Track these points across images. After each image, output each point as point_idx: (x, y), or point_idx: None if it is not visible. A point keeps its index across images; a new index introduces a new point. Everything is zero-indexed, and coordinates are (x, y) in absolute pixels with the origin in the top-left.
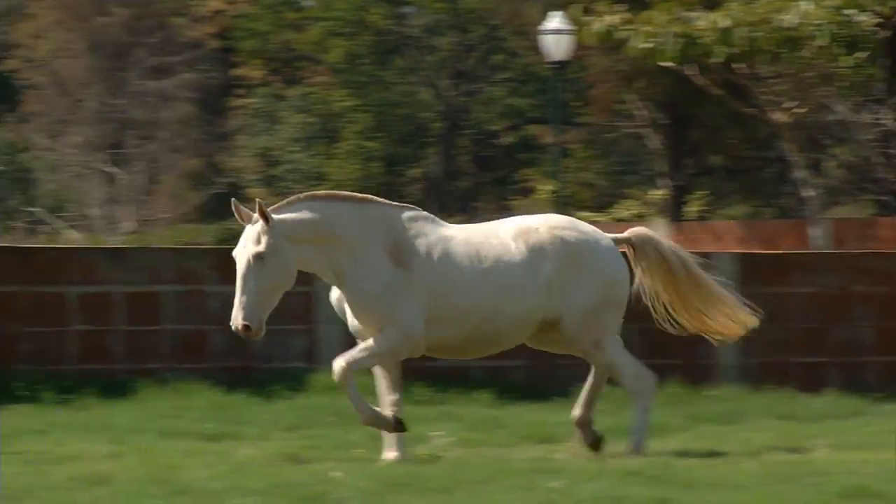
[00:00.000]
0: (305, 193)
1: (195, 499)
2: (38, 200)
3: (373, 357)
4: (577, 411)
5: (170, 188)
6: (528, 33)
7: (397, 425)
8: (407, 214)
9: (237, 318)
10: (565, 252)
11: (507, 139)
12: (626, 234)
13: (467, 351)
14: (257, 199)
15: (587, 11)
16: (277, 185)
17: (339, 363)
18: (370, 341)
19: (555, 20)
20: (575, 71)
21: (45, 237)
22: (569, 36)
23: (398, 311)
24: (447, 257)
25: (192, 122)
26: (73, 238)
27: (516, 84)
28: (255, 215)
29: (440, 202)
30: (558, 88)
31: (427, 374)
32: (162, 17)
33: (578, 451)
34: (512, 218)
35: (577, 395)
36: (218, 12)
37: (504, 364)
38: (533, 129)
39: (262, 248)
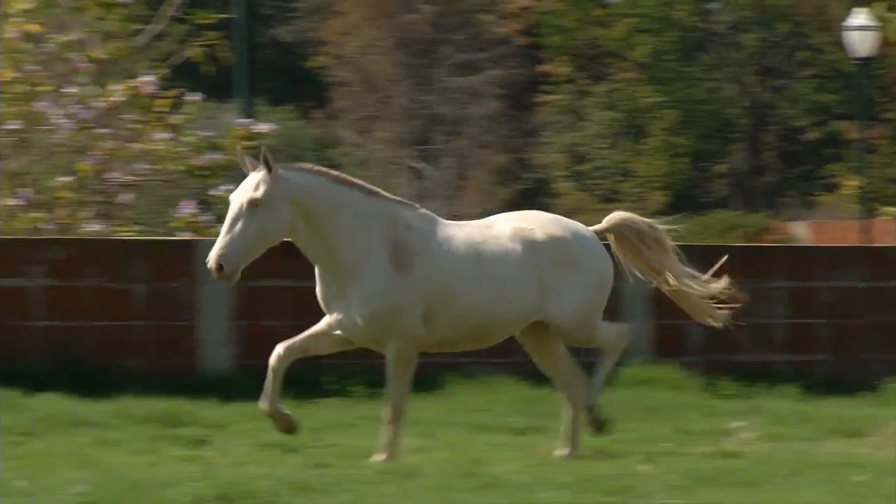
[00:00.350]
0: (318, 167)
1: (503, 492)
2: None
3: (404, 379)
4: (584, 399)
5: (478, 183)
6: (833, 29)
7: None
8: (409, 213)
9: (213, 257)
10: (560, 255)
11: (813, 135)
12: (603, 224)
13: (459, 346)
14: (262, 147)
15: (891, 9)
16: (584, 182)
17: (390, 407)
18: (390, 370)
19: (859, 17)
20: (880, 67)
21: None
22: (873, 32)
23: (397, 322)
24: (448, 259)
25: (499, 118)
26: None
27: (821, 80)
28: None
29: (746, 198)
30: (863, 84)
31: (733, 368)
32: (469, 13)
33: (883, 444)
34: (505, 216)
35: (883, 389)
36: (525, 9)
37: (810, 359)
38: (838, 125)
39: (258, 194)
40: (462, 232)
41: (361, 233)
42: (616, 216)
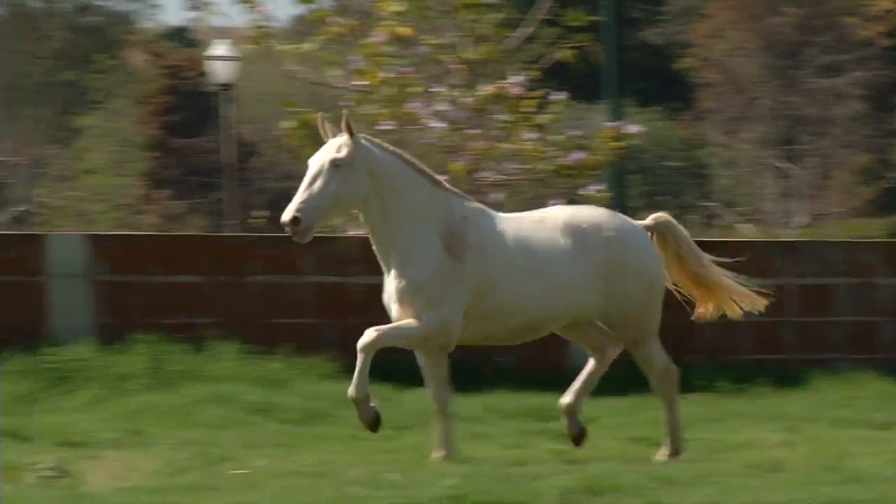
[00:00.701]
0: (393, 147)
1: (867, 486)
2: (714, 195)
3: (405, 338)
4: (566, 399)
5: (841, 183)
6: None
7: (373, 423)
8: (466, 204)
9: (290, 210)
10: (611, 252)
11: None
12: (648, 220)
13: (506, 340)
14: (344, 112)
15: None
16: None
17: (370, 333)
18: (407, 321)
19: None
20: None
21: (721, 231)
22: None
23: (440, 301)
24: (499, 252)
25: (863, 118)
26: (747, 232)
27: None
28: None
29: None
30: None
31: None
32: (834, 16)
33: None
34: (558, 209)
35: None
36: (888, 11)
37: None
38: None
39: (341, 155)
40: (514, 226)
41: (422, 219)
42: (661, 216)
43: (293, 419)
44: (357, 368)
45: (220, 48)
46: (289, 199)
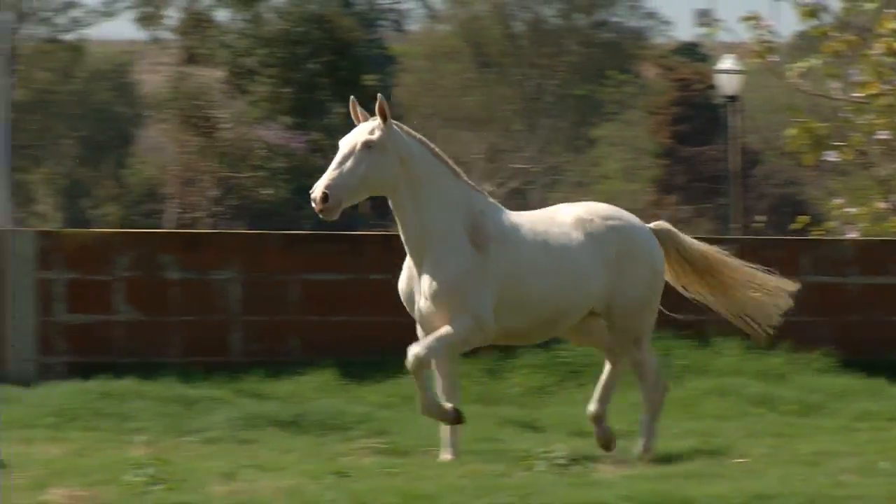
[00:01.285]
0: (420, 136)
1: None
2: None
3: (447, 346)
4: (591, 407)
5: None
6: None
7: (456, 416)
8: (482, 199)
9: (319, 187)
10: (620, 242)
11: None
12: (651, 226)
13: (529, 337)
14: (379, 95)
15: None
16: None
17: (413, 351)
18: (444, 329)
19: None
20: None
21: None
22: None
23: (473, 299)
24: (520, 245)
25: None
26: None
27: None
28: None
29: None
30: None
31: None
32: None
33: None
34: (565, 206)
35: None
36: None
37: None
38: None
39: (373, 137)
40: (527, 221)
41: (449, 210)
42: (660, 224)
43: (791, 411)
44: (418, 390)
45: (727, 62)
46: (789, 205)
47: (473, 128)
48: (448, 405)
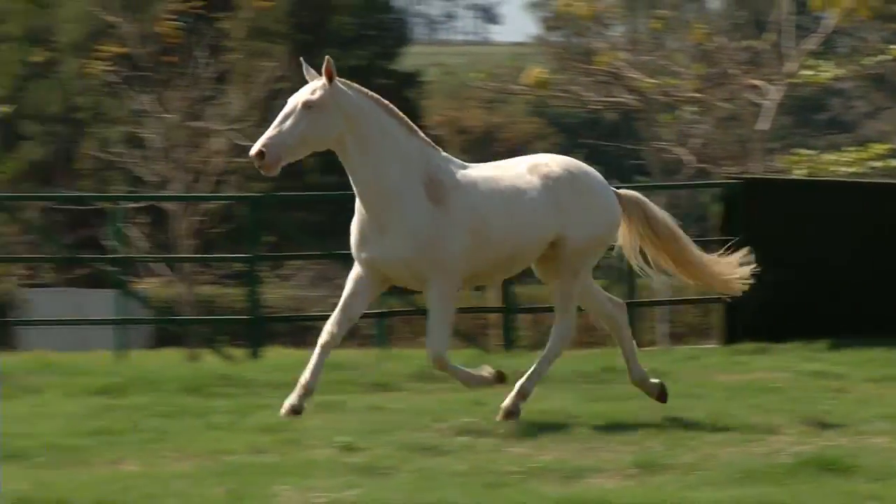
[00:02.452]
0: (373, 94)
1: None
2: None
3: (446, 321)
4: (630, 377)
5: None
6: None
7: (499, 377)
8: (436, 153)
9: (257, 145)
10: (575, 185)
11: None
12: (620, 192)
13: (493, 278)
14: (327, 57)
15: None
16: None
17: (432, 353)
18: (432, 313)
19: None
20: None
21: None
22: None
23: (441, 254)
24: (475, 191)
25: None
26: None
27: None
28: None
29: None
30: None
31: None
32: None
33: None
34: (521, 157)
35: None
36: None
37: None
38: None
39: (314, 98)
40: (479, 171)
41: (403, 164)
42: (629, 193)
43: None
44: (453, 377)
45: None
46: None
47: None
48: (485, 371)
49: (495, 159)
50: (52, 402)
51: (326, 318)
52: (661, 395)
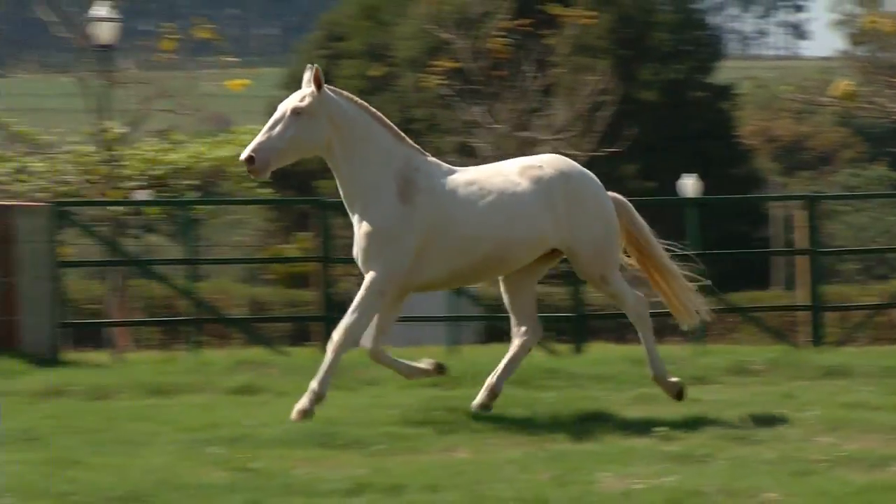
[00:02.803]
0: (362, 101)
1: None
2: None
3: (366, 315)
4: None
5: None
6: None
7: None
8: (421, 158)
9: (247, 150)
10: (569, 188)
11: None
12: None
13: (477, 277)
14: (315, 65)
15: None
16: None
17: (333, 337)
18: (355, 300)
19: None
20: None
21: None
22: None
23: (388, 250)
24: (451, 194)
25: None
26: None
27: None
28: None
29: None
30: None
31: None
32: None
33: None
34: (519, 158)
35: None
36: None
37: None
38: None
39: (302, 104)
40: (467, 174)
41: (381, 165)
42: (616, 196)
43: None
44: (326, 366)
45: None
46: None
47: None
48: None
49: (803, 167)
50: (388, 395)
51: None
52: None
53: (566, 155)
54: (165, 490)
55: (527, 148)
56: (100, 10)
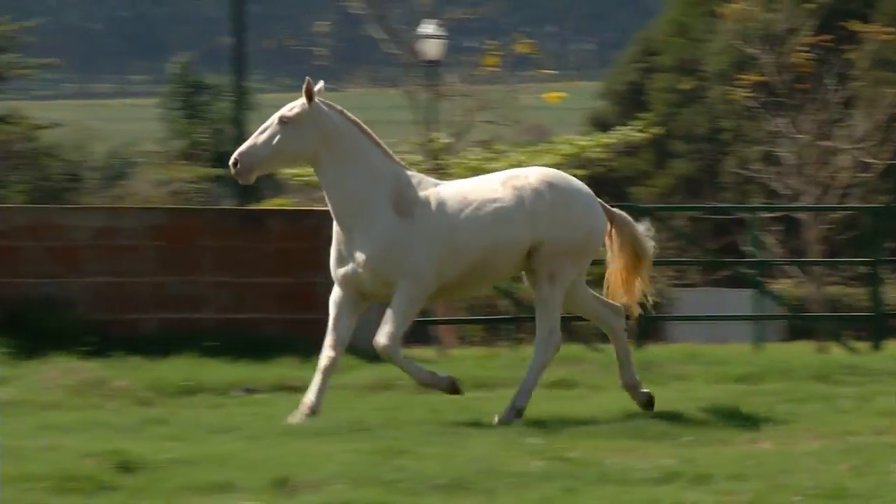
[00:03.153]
0: (354, 117)
1: None
2: None
3: (403, 318)
4: (621, 380)
5: None
6: None
7: (453, 387)
8: (409, 173)
9: (235, 154)
10: (553, 194)
11: None
12: (612, 209)
13: (464, 289)
14: (307, 78)
15: None
16: None
17: (380, 342)
18: (393, 307)
19: None
20: None
21: None
22: None
23: (408, 261)
24: (443, 205)
25: None
26: None
27: None
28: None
29: None
30: None
31: None
32: None
33: None
34: (498, 172)
35: None
36: None
37: None
38: None
39: (290, 114)
40: (452, 186)
41: (373, 183)
42: (624, 215)
43: None
44: (405, 370)
45: None
46: None
47: None
48: (443, 375)
49: None
50: (696, 389)
51: None
52: (647, 403)
53: (865, 164)
54: (487, 478)
55: (828, 157)
56: (427, 28)
